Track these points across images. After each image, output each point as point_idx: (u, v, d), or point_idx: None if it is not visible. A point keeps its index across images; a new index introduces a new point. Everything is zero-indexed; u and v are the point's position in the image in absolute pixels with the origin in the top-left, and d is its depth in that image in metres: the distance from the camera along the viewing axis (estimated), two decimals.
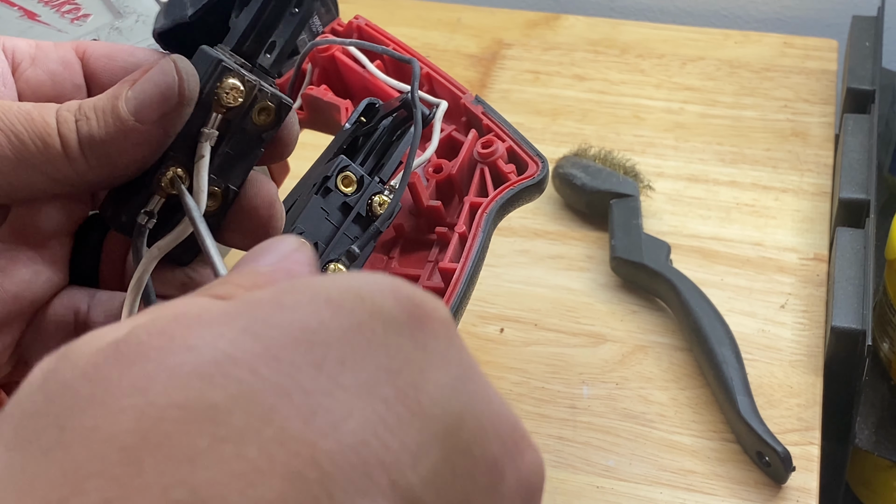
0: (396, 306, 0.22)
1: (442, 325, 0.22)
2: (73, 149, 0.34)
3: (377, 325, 0.22)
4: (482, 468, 0.22)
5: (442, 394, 0.21)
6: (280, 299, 0.22)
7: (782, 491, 0.59)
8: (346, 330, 0.21)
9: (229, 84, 0.34)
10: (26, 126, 0.33)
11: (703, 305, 0.65)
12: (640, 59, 0.89)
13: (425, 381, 0.21)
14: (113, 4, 0.54)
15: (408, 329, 0.22)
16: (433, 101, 0.52)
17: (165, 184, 0.35)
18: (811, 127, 0.81)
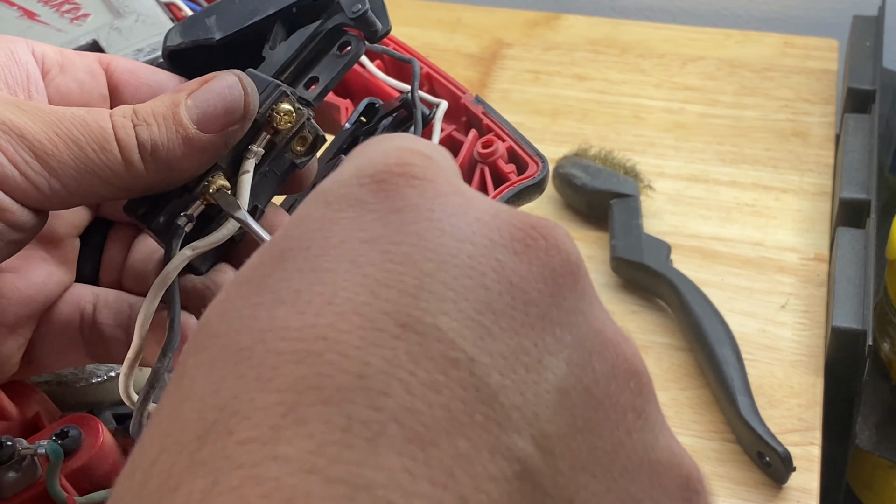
0: (365, 185, 0.23)
1: (419, 182, 0.23)
2: (132, 154, 0.33)
3: (345, 207, 0.23)
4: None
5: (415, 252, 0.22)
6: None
7: (783, 491, 0.59)
8: (326, 220, 0.23)
9: (284, 108, 0.35)
10: (83, 132, 0.33)
11: (703, 305, 0.65)
12: (641, 58, 0.88)
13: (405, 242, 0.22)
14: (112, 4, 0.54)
15: (368, 202, 0.23)
16: (433, 100, 0.52)
17: (211, 191, 0.35)
18: (812, 127, 0.81)
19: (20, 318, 0.37)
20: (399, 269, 0.21)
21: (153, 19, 0.53)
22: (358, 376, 0.20)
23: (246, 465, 0.19)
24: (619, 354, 0.23)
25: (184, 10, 0.59)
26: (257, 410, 0.19)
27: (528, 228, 0.23)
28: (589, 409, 0.22)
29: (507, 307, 0.21)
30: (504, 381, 0.20)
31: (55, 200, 0.33)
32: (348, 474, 0.19)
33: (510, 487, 0.20)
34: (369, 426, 0.19)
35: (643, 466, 0.23)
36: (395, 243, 0.22)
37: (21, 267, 0.37)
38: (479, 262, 0.22)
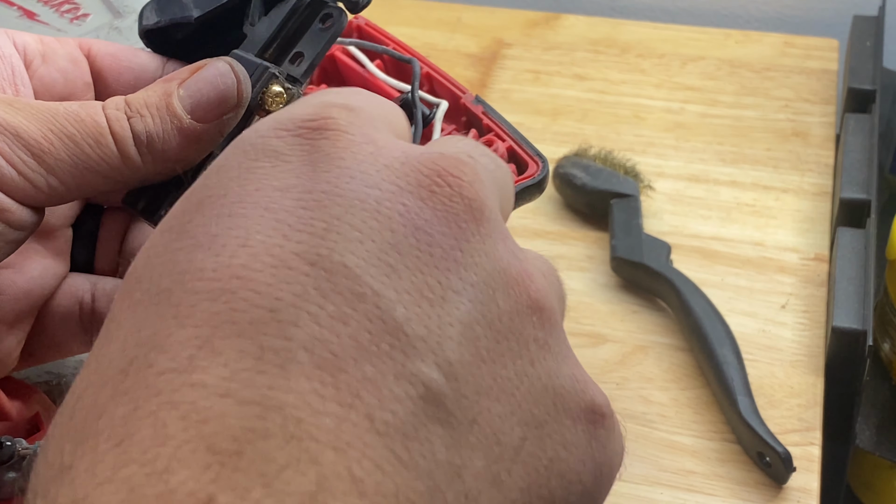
0: (270, 139, 0.25)
1: (336, 135, 0.25)
2: (127, 147, 0.33)
3: (262, 158, 0.25)
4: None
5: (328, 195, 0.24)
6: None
7: (783, 491, 0.59)
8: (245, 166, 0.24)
9: (274, 91, 0.35)
10: (78, 127, 0.33)
11: (703, 305, 0.65)
12: (641, 58, 0.88)
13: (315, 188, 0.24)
14: (112, 4, 0.54)
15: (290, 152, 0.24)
16: (433, 100, 0.52)
17: None
18: (812, 127, 0.81)
19: (19, 313, 0.37)
20: (310, 213, 0.23)
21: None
22: (269, 310, 0.21)
23: (164, 392, 0.20)
24: (522, 291, 0.24)
25: None
26: (175, 344, 0.21)
27: (434, 175, 0.24)
28: (492, 341, 0.23)
29: (411, 248, 0.23)
30: (409, 314, 0.22)
31: (54, 197, 0.33)
32: (260, 397, 0.20)
33: (415, 407, 0.21)
34: (280, 354, 0.20)
35: (547, 392, 0.24)
36: (307, 191, 0.23)
37: (17, 262, 0.37)
38: (386, 207, 0.23)
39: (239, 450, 0.19)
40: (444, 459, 0.21)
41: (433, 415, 0.21)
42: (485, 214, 0.24)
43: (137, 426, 0.20)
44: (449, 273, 0.23)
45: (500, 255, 0.24)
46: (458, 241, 0.23)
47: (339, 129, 0.24)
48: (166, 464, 0.19)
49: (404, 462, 0.21)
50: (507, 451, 0.23)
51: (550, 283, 0.26)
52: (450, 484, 0.21)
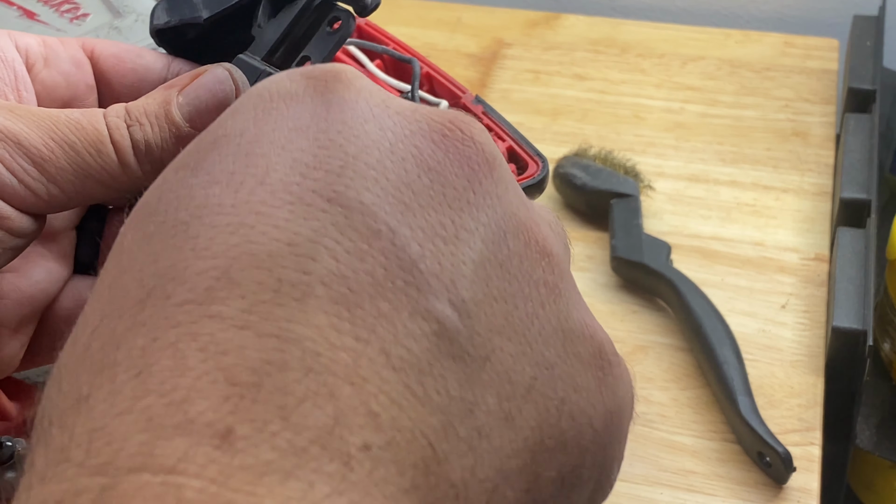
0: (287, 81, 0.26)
1: (339, 85, 0.25)
2: (127, 156, 0.33)
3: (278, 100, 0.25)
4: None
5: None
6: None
7: (783, 491, 0.59)
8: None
9: None
10: (79, 135, 0.33)
11: (703, 305, 0.65)
12: (641, 58, 0.88)
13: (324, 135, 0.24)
14: (112, 4, 0.54)
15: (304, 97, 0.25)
16: (433, 100, 0.52)
17: None
18: (812, 127, 0.81)
19: (22, 317, 0.37)
20: (326, 153, 0.23)
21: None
22: (287, 244, 0.21)
23: (183, 323, 0.20)
24: (531, 237, 0.24)
25: None
26: (193, 275, 0.21)
27: (446, 122, 0.25)
28: (503, 281, 0.23)
29: (425, 187, 0.23)
30: (423, 252, 0.22)
31: (54, 205, 0.33)
32: (278, 329, 0.20)
33: (429, 344, 0.21)
34: (298, 287, 0.21)
35: (557, 334, 0.24)
36: (322, 131, 0.23)
37: (21, 266, 0.36)
38: (400, 148, 0.23)
39: (257, 382, 0.19)
40: (457, 395, 0.22)
41: (447, 351, 0.22)
42: (497, 160, 0.25)
43: (156, 357, 0.20)
44: (462, 213, 0.23)
45: (510, 199, 0.24)
46: (470, 182, 0.24)
47: (353, 78, 0.25)
48: (185, 394, 0.19)
49: (419, 397, 0.21)
50: (518, 389, 0.23)
51: (556, 233, 0.26)
52: (463, 420, 0.22)
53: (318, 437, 0.19)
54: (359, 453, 0.20)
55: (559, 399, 0.24)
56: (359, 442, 0.20)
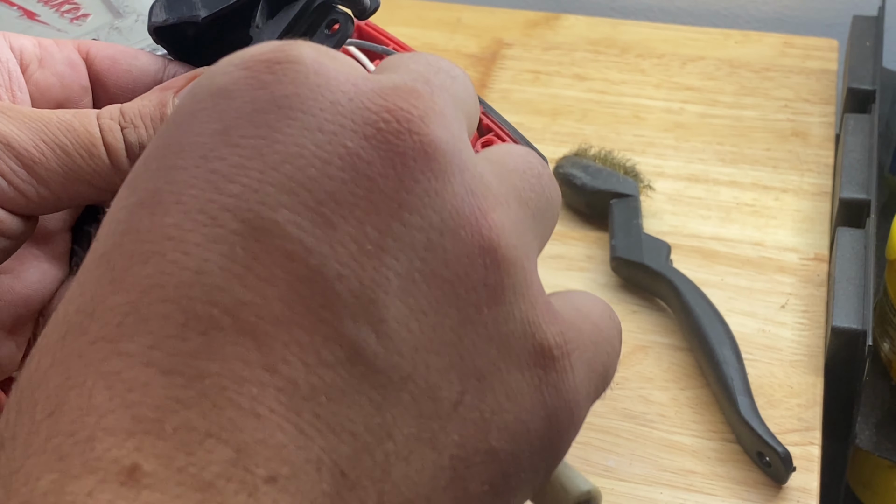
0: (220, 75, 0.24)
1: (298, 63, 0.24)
2: (119, 158, 0.33)
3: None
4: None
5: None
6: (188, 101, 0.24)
7: (783, 491, 0.59)
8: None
9: None
10: (70, 137, 0.33)
11: (703, 305, 0.65)
12: (640, 58, 0.88)
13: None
14: (112, 4, 0.54)
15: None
16: None
17: None
18: (811, 127, 0.81)
19: (18, 319, 0.37)
20: (246, 162, 0.21)
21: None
22: (196, 272, 0.21)
23: (94, 361, 0.20)
24: (474, 232, 0.23)
25: None
26: (106, 311, 0.21)
27: (382, 112, 0.22)
28: (434, 289, 0.22)
29: (350, 195, 0.22)
30: (342, 271, 0.21)
31: (44, 206, 0.33)
32: (183, 365, 0.20)
33: (343, 371, 0.21)
34: (203, 320, 0.20)
35: (492, 341, 0.23)
36: (244, 136, 0.22)
37: (15, 268, 0.36)
38: (326, 151, 0.22)
39: (161, 418, 0.20)
40: (372, 421, 0.21)
41: (362, 376, 0.21)
42: (438, 149, 0.22)
43: (67, 396, 0.20)
44: (390, 219, 0.22)
45: (452, 192, 0.23)
46: (402, 181, 0.22)
47: (290, 60, 0.23)
48: (91, 433, 0.19)
49: (330, 425, 0.20)
50: (443, 406, 0.22)
51: (521, 209, 0.25)
52: (378, 444, 0.21)
53: (223, 471, 0.19)
54: (265, 485, 0.20)
55: (490, 411, 0.23)
56: (264, 474, 0.20)
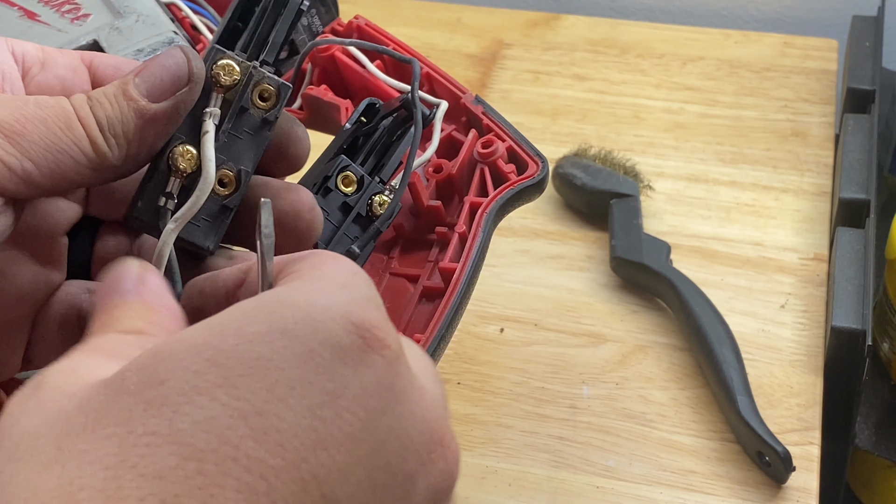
0: (345, 334, 0.25)
1: (385, 350, 0.25)
2: (93, 131, 0.34)
3: (325, 351, 0.25)
4: (398, 481, 0.25)
5: (370, 418, 0.25)
6: (242, 330, 0.25)
7: (782, 491, 0.59)
8: (297, 357, 0.24)
9: (223, 63, 0.36)
10: (47, 112, 0.33)
11: (703, 305, 0.65)
12: (640, 59, 0.89)
13: (359, 405, 0.25)
14: (113, 4, 0.54)
15: (351, 356, 0.25)
16: (433, 101, 0.52)
17: (179, 163, 0.35)
18: (811, 127, 0.81)
19: (10, 320, 0.37)
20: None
21: (154, 20, 0.53)
22: None
23: None
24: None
25: (184, 10, 0.59)
26: None
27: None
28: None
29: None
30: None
31: (30, 184, 0.33)
32: None
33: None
34: None
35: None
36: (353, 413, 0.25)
37: (5, 270, 0.36)
38: None
39: None
40: None
41: None
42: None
43: None
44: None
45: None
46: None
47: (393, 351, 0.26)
48: None
49: None
50: None
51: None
52: None
53: None
54: None
55: None
56: None
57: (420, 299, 0.49)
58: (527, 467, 0.61)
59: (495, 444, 0.62)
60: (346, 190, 0.43)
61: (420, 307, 0.49)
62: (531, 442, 0.62)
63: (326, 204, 0.42)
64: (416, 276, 0.50)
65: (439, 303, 0.46)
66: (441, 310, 0.46)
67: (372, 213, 0.43)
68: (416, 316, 0.48)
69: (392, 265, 0.53)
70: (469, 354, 0.67)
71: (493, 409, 0.64)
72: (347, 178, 0.43)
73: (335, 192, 0.42)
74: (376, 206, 0.43)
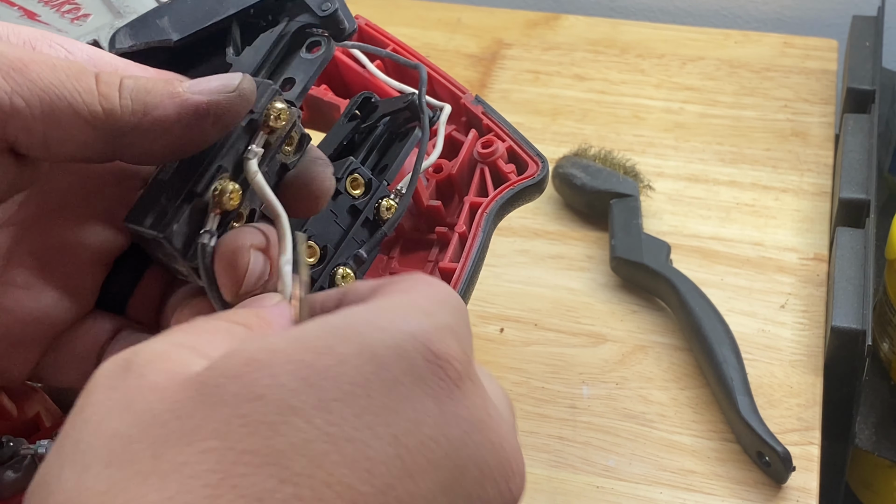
0: (425, 364, 0.26)
1: (462, 381, 0.26)
2: (109, 88, 0.32)
3: (408, 380, 0.25)
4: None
5: (452, 446, 0.25)
6: (334, 349, 0.25)
7: (782, 491, 0.59)
8: (383, 384, 0.25)
9: (278, 107, 0.35)
10: (61, 62, 0.32)
11: (703, 305, 0.65)
12: (640, 58, 0.89)
13: (441, 434, 0.25)
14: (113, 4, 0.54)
15: (432, 386, 0.25)
16: (437, 104, 0.52)
17: (226, 202, 0.34)
18: (811, 127, 0.81)
19: (24, 336, 0.36)
20: None
21: None
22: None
23: None
24: None
25: None
26: None
27: None
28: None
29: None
30: None
31: (14, 120, 0.32)
32: None
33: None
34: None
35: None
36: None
37: (33, 285, 0.36)
38: None
39: None
40: None
41: None
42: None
43: None
44: None
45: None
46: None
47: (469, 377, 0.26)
48: None
49: None
50: None
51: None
52: None
53: None
54: None
55: None
56: None
57: None
58: (527, 467, 0.61)
59: None
60: (354, 193, 0.42)
61: None
62: (531, 442, 0.62)
63: (335, 206, 0.42)
64: None
65: None
66: None
67: (379, 217, 0.43)
68: None
69: (392, 265, 0.53)
70: None
71: None
72: (356, 181, 0.42)
73: (344, 194, 0.42)
74: (383, 210, 0.43)
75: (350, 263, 0.41)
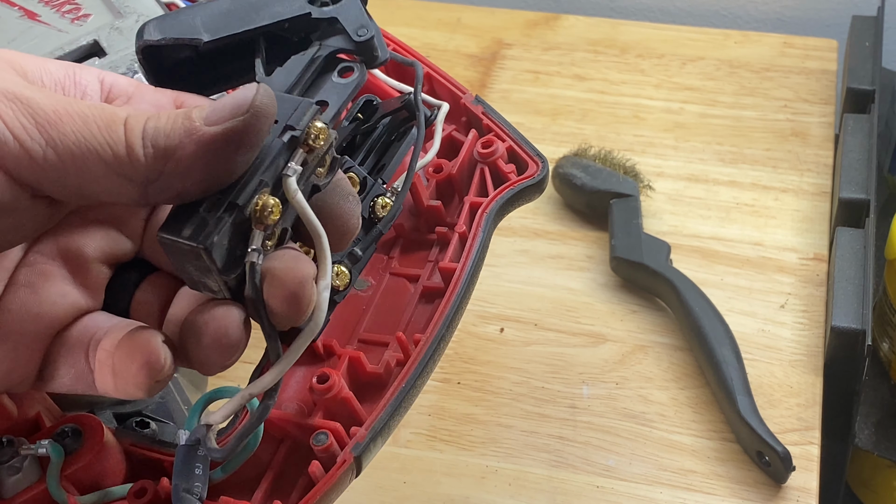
0: None
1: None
2: (134, 136, 0.32)
3: None
4: None
5: None
6: None
7: (782, 491, 0.59)
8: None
9: (318, 126, 0.34)
10: (93, 111, 0.32)
11: (703, 305, 0.65)
12: (640, 59, 0.89)
13: None
14: (113, 4, 0.54)
15: None
16: (434, 102, 0.52)
17: (267, 217, 0.33)
18: (811, 127, 0.81)
19: (26, 334, 0.35)
20: None
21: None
22: None
23: None
24: None
25: None
26: None
27: None
28: None
29: None
30: None
31: (48, 173, 0.32)
32: None
33: None
34: None
35: None
36: None
37: (36, 283, 0.36)
38: None
39: None
40: None
41: None
42: None
43: None
44: None
45: None
46: None
47: None
48: None
49: None
50: None
51: None
52: None
53: None
54: None
55: None
56: None
57: (420, 299, 0.49)
58: (527, 467, 0.61)
59: (495, 443, 0.62)
60: None
61: (420, 307, 0.49)
62: (531, 442, 0.62)
63: None
64: (416, 276, 0.50)
65: (439, 303, 0.46)
66: (441, 310, 0.46)
67: (374, 215, 0.43)
68: (416, 316, 0.48)
69: (392, 265, 0.53)
70: (469, 354, 0.67)
71: (493, 408, 0.64)
72: (351, 180, 0.42)
73: None
74: (378, 208, 0.43)
75: (345, 261, 0.41)
